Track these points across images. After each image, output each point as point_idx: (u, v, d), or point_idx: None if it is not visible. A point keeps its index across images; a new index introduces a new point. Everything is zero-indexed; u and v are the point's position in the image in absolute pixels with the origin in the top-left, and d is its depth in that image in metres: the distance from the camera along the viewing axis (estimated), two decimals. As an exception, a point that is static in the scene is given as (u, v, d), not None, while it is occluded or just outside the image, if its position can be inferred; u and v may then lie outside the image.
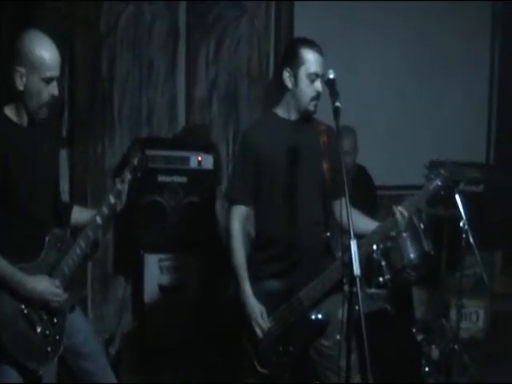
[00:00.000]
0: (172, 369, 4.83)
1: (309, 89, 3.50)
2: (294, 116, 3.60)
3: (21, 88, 3.11)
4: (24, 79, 3.10)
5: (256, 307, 3.50)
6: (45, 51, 3.11)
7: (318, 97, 3.52)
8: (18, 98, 3.15)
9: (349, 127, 4.98)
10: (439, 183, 3.54)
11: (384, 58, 5.74)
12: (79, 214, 3.52)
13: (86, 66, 5.30)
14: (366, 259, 3.31)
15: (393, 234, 3.61)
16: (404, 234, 4.31)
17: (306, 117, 3.59)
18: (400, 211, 3.46)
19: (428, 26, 5.91)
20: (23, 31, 3.16)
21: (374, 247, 3.96)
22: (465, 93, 6.14)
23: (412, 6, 5.78)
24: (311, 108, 3.55)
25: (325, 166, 3.56)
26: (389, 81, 5.72)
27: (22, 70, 3.09)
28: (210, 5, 5.52)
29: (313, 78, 3.49)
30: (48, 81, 3.13)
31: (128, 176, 3.41)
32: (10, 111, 3.19)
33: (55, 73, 3.15)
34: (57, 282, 3.22)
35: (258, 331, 3.49)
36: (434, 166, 3.77)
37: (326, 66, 3.47)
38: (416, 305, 5.10)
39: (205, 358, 4.82)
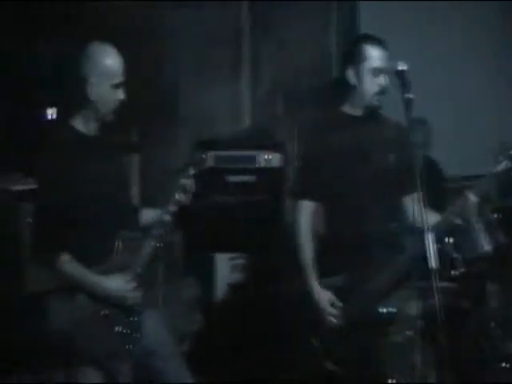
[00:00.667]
0: (241, 367, 4.85)
1: (372, 84, 3.50)
2: (359, 112, 3.60)
3: (92, 97, 3.21)
4: (95, 88, 3.20)
5: (325, 298, 3.50)
6: (111, 59, 3.23)
7: (382, 91, 3.52)
8: (86, 108, 3.25)
9: (422, 119, 4.91)
10: (509, 164, 3.37)
11: (450, 48, 5.65)
12: (147, 216, 3.57)
13: (151, 70, 5.36)
14: (438, 252, 3.27)
15: (461, 221, 3.49)
16: (477, 226, 4.22)
17: (371, 112, 3.58)
18: (467, 196, 3.38)
19: (495, 13, 5.79)
20: (88, 43, 3.28)
21: (446, 239, 3.91)
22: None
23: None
24: (375, 103, 3.55)
25: (393, 161, 3.54)
26: (456, 71, 5.63)
27: (92, 80, 3.19)
28: (273, 3, 5.52)
29: (376, 73, 3.49)
30: (116, 87, 3.24)
31: (191, 172, 3.44)
32: (76, 122, 3.29)
33: (121, 79, 3.26)
34: (129, 278, 3.28)
35: (331, 319, 3.48)
36: (504, 149, 3.64)
37: (391, 59, 3.45)
38: (490, 298, 5.01)
39: (273, 356, 4.83)
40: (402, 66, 3.23)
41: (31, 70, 5.11)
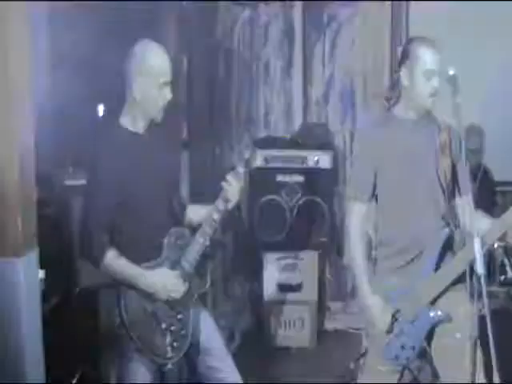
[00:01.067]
0: (289, 367, 4.86)
1: (425, 86, 3.46)
2: (411, 114, 3.57)
3: (139, 96, 3.21)
4: (141, 87, 3.20)
5: (376, 304, 3.47)
6: (157, 58, 3.21)
7: (435, 93, 3.48)
8: (134, 107, 3.25)
9: (476, 126, 4.86)
10: None
11: (502, 51, 5.55)
12: (195, 212, 3.59)
13: (205, 68, 5.41)
14: (489, 257, 3.24)
15: None
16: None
17: (424, 114, 3.55)
18: None
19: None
20: (135, 42, 3.26)
21: (495, 245, 3.87)
22: None
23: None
24: (428, 105, 3.51)
25: (445, 164, 3.49)
26: (507, 75, 5.53)
27: (138, 79, 3.19)
28: (325, 4, 5.52)
29: (429, 75, 3.46)
30: (162, 86, 3.22)
31: (241, 170, 3.45)
32: (125, 120, 3.29)
33: (168, 78, 3.24)
34: (177, 273, 3.30)
35: (382, 326, 3.46)
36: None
37: (442, 62, 3.43)
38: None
39: (320, 355, 4.83)
40: (452, 71, 3.20)
41: (83, 69, 5.19)
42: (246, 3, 5.47)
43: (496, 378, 2.85)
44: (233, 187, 3.41)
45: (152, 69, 3.19)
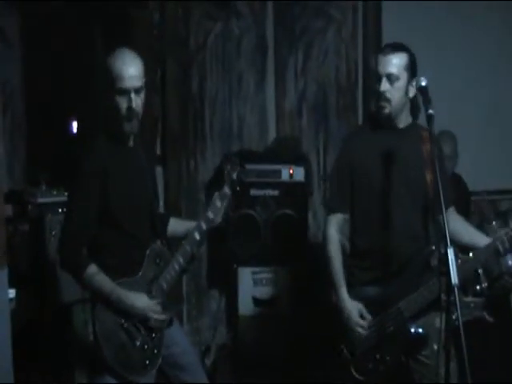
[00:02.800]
0: (266, 381, 4.83)
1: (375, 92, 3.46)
2: (394, 123, 3.54)
3: (112, 105, 3.16)
4: (114, 95, 3.14)
5: (354, 308, 3.48)
6: (121, 64, 3.13)
7: (384, 98, 3.43)
8: (111, 117, 3.22)
9: (449, 132, 4.88)
10: None
11: (476, 57, 5.57)
12: (175, 225, 3.58)
13: (178, 83, 5.41)
14: (463, 267, 3.26)
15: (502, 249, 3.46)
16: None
17: (408, 124, 3.53)
18: (510, 236, 3.37)
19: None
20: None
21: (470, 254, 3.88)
22: None
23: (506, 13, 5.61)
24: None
25: (428, 176, 3.47)
26: (481, 80, 5.55)
27: (111, 86, 3.14)
28: (297, 17, 5.53)
29: (378, 77, 3.42)
30: (121, 93, 3.14)
31: (228, 192, 3.43)
32: (103, 134, 3.28)
33: (128, 84, 3.13)
34: (153, 295, 3.28)
35: (360, 330, 3.46)
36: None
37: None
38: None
39: (298, 369, 4.82)
40: (423, 82, 3.21)
41: (60, 83, 5.18)
42: (219, 17, 5.47)
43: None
44: (217, 209, 3.40)
45: (115, 74, 3.12)
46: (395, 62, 3.40)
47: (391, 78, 3.40)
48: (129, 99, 3.14)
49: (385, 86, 3.39)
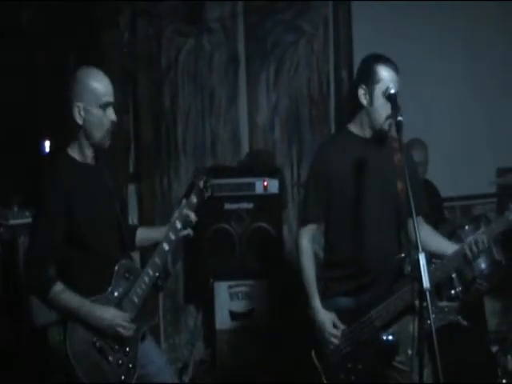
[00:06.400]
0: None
1: (385, 107, 3.41)
2: (368, 134, 3.52)
3: (81, 122, 3.20)
4: (83, 113, 3.19)
5: (327, 318, 3.47)
6: (97, 81, 3.22)
7: (393, 115, 3.42)
8: (80, 135, 3.24)
9: (419, 140, 4.91)
10: None
11: (445, 68, 5.62)
12: (142, 235, 3.56)
13: (150, 101, 5.41)
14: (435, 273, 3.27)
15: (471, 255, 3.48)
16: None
17: (381, 136, 3.51)
18: (477, 241, 3.38)
19: (489, 36, 5.77)
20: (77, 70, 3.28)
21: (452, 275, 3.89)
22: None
23: (474, 17, 5.67)
24: (386, 127, 3.47)
25: (399, 185, 3.46)
26: (450, 91, 5.60)
27: (80, 104, 3.18)
28: (268, 31, 5.56)
29: (389, 97, 3.40)
30: (105, 107, 3.22)
31: (194, 200, 3.41)
32: (73, 151, 3.28)
33: (110, 98, 3.24)
34: (124, 310, 3.26)
35: (333, 340, 3.45)
36: (502, 174, 3.62)
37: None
38: (489, 316, 4.98)
39: (277, 381, 4.80)
40: (392, 90, 3.20)
41: (28, 101, 5.16)
42: (190, 33, 5.49)
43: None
44: (184, 217, 3.39)
45: (94, 90, 3.19)
46: (398, 80, 3.44)
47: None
48: (111, 113, 3.24)
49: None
